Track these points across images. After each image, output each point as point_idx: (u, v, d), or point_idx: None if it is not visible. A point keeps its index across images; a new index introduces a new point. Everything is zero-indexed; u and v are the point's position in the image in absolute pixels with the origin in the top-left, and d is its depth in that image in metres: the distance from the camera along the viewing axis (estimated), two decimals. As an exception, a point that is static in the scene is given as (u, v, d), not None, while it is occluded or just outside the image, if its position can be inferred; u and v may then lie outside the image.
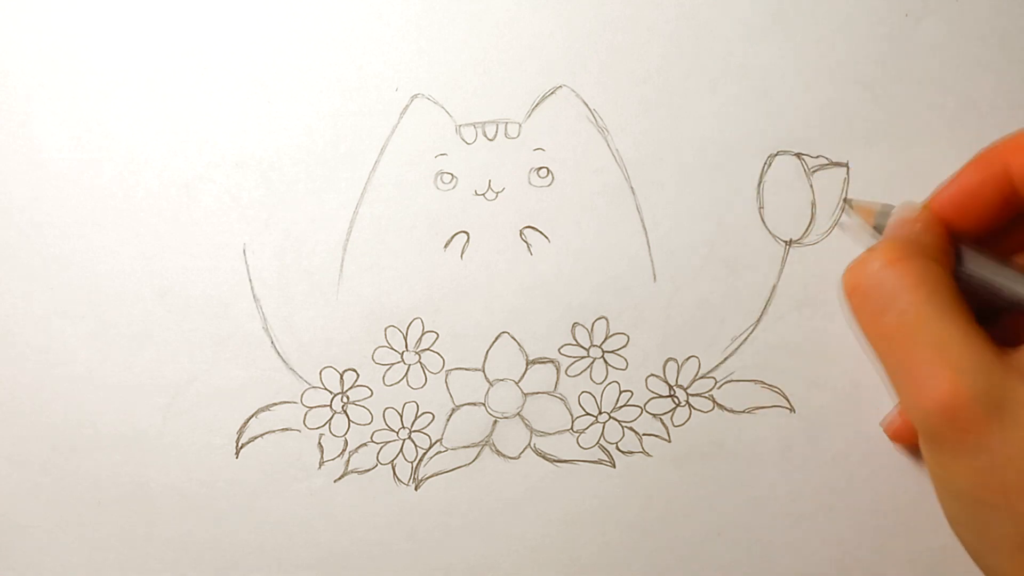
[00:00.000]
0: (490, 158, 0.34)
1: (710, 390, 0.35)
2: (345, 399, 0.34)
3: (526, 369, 0.34)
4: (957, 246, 0.29)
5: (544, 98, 0.33)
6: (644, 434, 0.35)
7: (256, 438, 0.34)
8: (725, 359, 0.35)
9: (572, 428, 0.35)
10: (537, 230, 0.34)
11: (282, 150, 0.33)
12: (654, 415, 0.35)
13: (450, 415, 0.35)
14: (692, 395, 0.35)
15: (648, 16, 0.33)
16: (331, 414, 0.34)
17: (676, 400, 0.35)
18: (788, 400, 0.35)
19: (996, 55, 0.34)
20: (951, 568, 0.36)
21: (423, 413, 0.34)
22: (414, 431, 0.34)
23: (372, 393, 0.34)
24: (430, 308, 0.34)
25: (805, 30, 0.34)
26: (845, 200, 0.33)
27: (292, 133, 0.33)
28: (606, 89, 0.33)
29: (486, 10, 0.33)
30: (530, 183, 0.34)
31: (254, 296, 0.33)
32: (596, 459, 0.35)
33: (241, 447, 0.34)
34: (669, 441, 0.35)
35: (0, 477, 0.34)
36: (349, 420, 0.34)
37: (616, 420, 0.35)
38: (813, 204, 0.34)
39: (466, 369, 0.34)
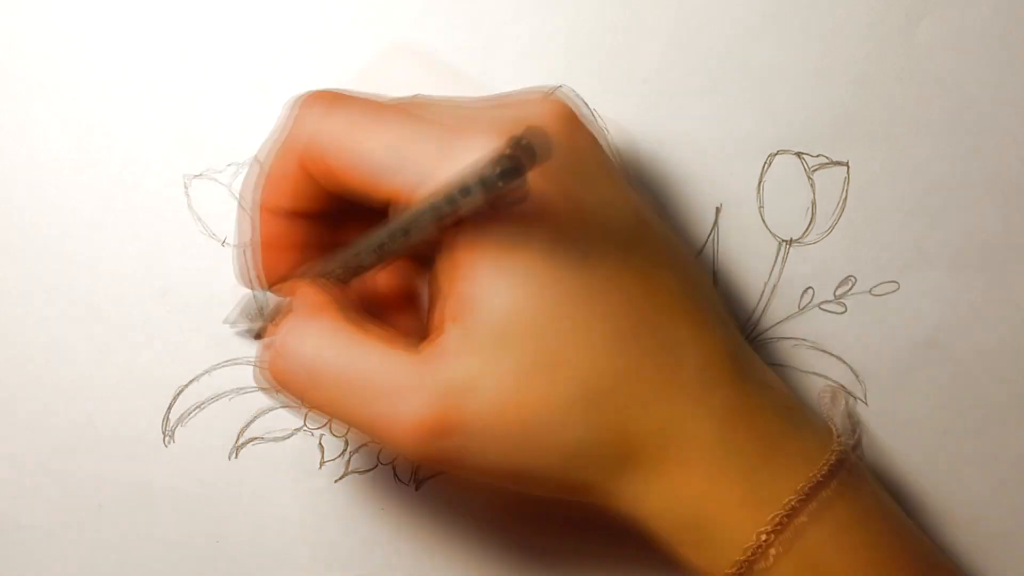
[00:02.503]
0: (490, 158, 0.33)
1: (710, 390, 0.35)
2: (345, 399, 0.34)
3: (526, 369, 0.34)
4: (322, 272, 0.29)
5: (544, 98, 0.33)
6: (644, 434, 0.35)
7: (256, 439, 0.34)
8: (725, 359, 0.35)
9: (572, 428, 0.35)
10: (537, 230, 0.34)
11: (282, 150, 0.33)
12: (654, 415, 0.35)
13: (450, 415, 0.34)
14: (692, 395, 0.35)
15: (648, 16, 0.33)
16: (331, 414, 0.34)
17: (676, 400, 0.35)
18: (788, 400, 0.35)
19: (996, 55, 0.34)
20: (951, 567, 0.35)
21: (423, 413, 0.34)
22: (414, 431, 0.34)
23: (372, 393, 0.34)
24: (430, 308, 0.34)
25: (805, 30, 0.34)
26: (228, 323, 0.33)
27: (292, 133, 0.33)
28: (606, 89, 0.33)
29: (486, 10, 0.33)
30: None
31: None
32: (596, 459, 0.35)
33: (241, 447, 0.34)
34: (669, 441, 0.35)
35: (0, 477, 0.34)
36: (349, 420, 0.34)
37: (616, 420, 0.35)
38: (813, 203, 0.34)
39: (466, 369, 0.34)
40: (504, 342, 0.26)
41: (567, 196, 0.26)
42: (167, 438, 0.34)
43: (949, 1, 0.34)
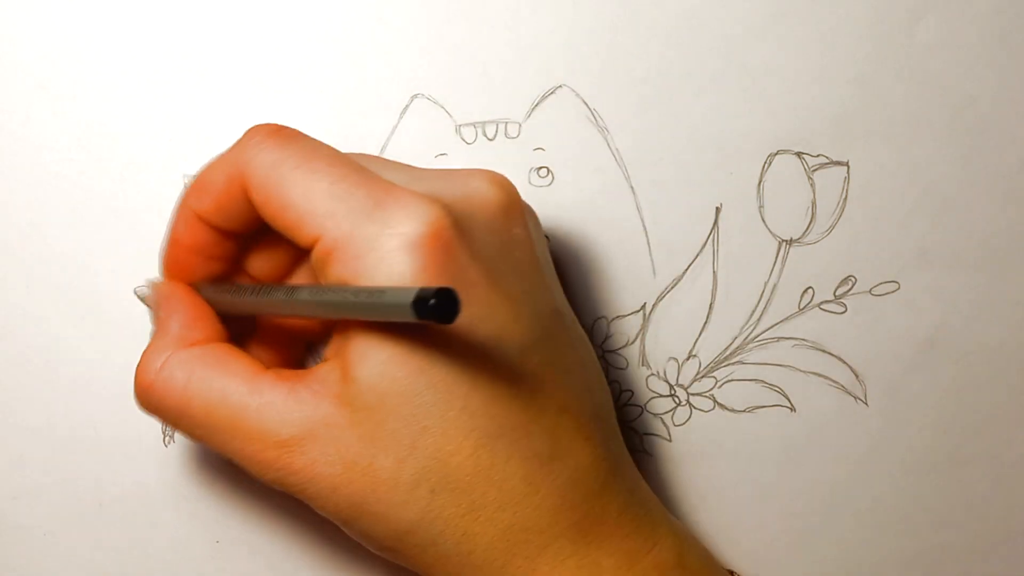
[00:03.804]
0: (490, 158, 0.34)
1: (710, 389, 0.35)
2: (345, 399, 0.34)
3: (526, 369, 0.34)
4: (205, 295, 0.30)
5: (544, 98, 0.33)
6: (644, 433, 0.35)
7: (256, 438, 0.34)
8: (725, 359, 0.35)
9: (572, 428, 0.35)
10: (537, 230, 0.34)
11: (282, 150, 0.33)
12: (654, 414, 0.35)
13: (450, 415, 0.34)
14: (692, 394, 0.35)
15: (648, 16, 0.33)
16: (331, 414, 0.34)
17: (676, 400, 0.35)
18: (788, 400, 0.35)
19: (996, 54, 0.34)
20: (951, 568, 0.36)
21: (423, 413, 0.34)
22: (414, 431, 0.34)
23: (372, 393, 0.34)
24: (430, 308, 0.34)
25: (805, 29, 0.34)
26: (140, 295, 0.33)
27: (292, 133, 0.33)
28: (606, 89, 0.33)
29: (486, 10, 0.33)
30: (530, 183, 0.34)
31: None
32: (596, 459, 0.35)
33: (241, 447, 0.34)
34: (670, 440, 0.35)
35: (0, 477, 0.34)
36: (349, 420, 0.34)
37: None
38: (813, 203, 0.34)
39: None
40: (361, 404, 0.26)
41: (491, 282, 0.26)
42: (167, 438, 0.34)
43: (949, 1, 0.34)
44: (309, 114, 0.33)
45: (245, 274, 0.31)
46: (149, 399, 0.28)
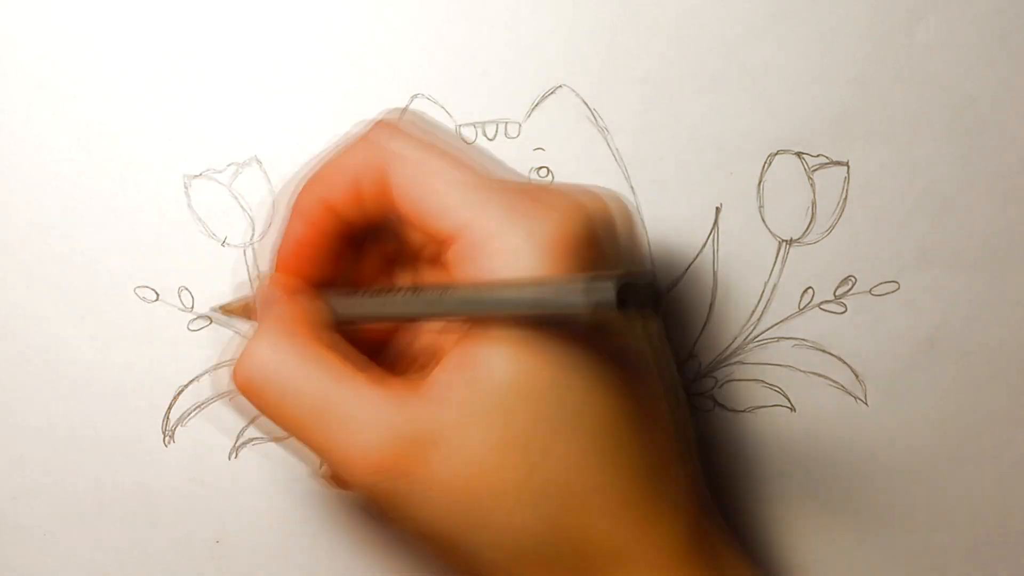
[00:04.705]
0: (490, 158, 0.34)
1: (711, 390, 0.35)
2: (345, 399, 0.34)
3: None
4: (327, 298, 0.28)
5: (544, 98, 0.33)
6: (644, 434, 0.35)
7: (256, 439, 0.34)
8: (725, 359, 0.35)
9: (572, 428, 0.35)
10: (537, 230, 0.34)
11: (282, 150, 0.33)
12: (654, 415, 0.35)
13: (450, 415, 0.34)
14: (693, 395, 0.35)
15: (648, 16, 0.33)
16: (331, 414, 0.34)
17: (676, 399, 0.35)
18: (788, 400, 0.35)
19: (996, 54, 0.34)
20: (951, 568, 0.36)
21: (423, 413, 0.34)
22: (414, 431, 0.34)
23: (372, 393, 0.34)
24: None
25: (805, 29, 0.34)
26: (221, 309, 0.32)
27: (292, 133, 0.33)
28: (606, 89, 0.33)
29: (486, 10, 0.33)
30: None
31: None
32: (596, 459, 0.35)
33: (241, 447, 0.34)
34: (669, 441, 0.35)
35: (0, 477, 0.34)
36: (349, 420, 0.34)
37: (616, 420, 0.35)
38: (813, 203, 0.34)
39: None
40: (491, 411, 0.25)
41: None
42: (167, 438, 0.34)
43: (949, 1, 0.34)
44: (309, 114, 0.33)
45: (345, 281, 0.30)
46: (249, 390, 0.26)
